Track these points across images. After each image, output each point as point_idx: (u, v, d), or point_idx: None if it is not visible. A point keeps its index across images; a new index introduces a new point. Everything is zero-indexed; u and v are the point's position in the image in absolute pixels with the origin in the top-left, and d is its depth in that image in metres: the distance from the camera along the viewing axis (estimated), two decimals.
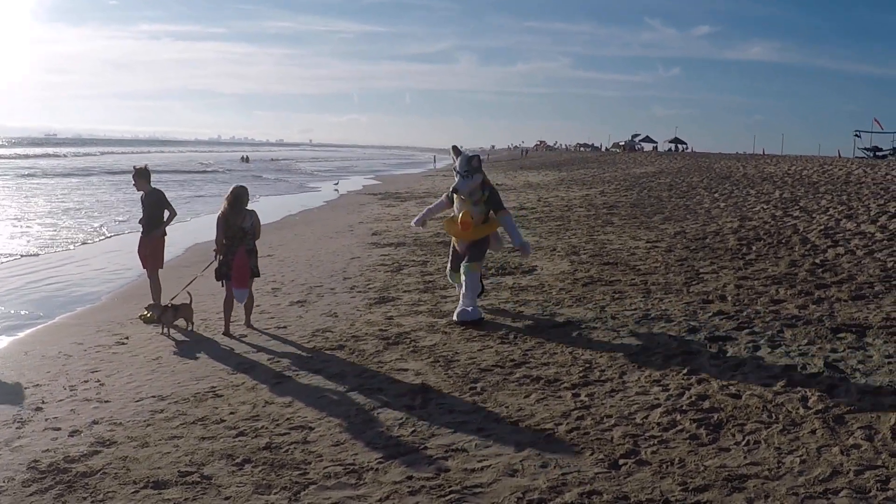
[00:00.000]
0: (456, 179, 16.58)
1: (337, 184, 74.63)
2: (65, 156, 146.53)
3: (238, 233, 16.16)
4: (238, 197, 16.27)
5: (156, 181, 18.64)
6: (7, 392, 12.89)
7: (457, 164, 16.57)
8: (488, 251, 17.63)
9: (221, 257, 16.27)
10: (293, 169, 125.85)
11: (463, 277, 16.26)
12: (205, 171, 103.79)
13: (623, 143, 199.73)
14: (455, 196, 16.80)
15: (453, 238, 17.28)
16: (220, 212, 16.39)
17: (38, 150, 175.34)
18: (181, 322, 16.66)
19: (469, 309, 15.78)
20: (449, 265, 17.45)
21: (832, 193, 36.01)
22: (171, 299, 16.66)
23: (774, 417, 9.81)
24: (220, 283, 16.58)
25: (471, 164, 16.32)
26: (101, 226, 38.93)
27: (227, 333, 16.22)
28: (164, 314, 16.00)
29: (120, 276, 25.26)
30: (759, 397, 10.53)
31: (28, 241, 32.68)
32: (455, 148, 17.50)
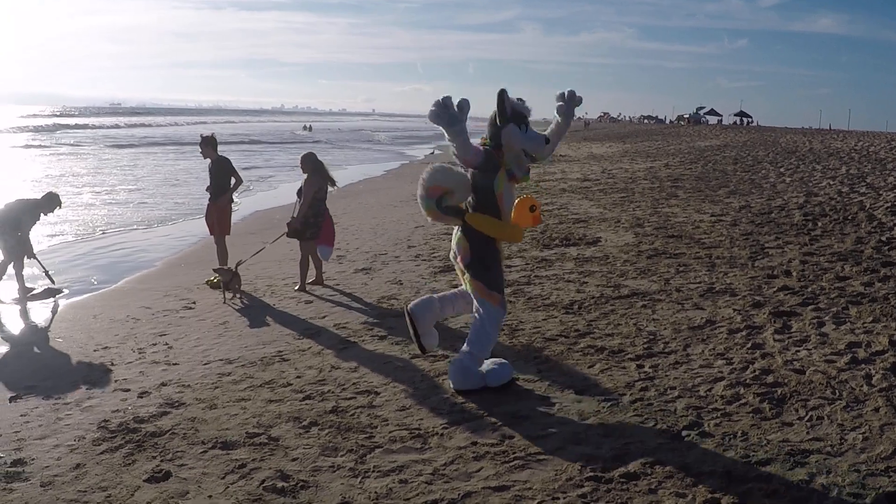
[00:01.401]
0: (514, 136, 10.18)
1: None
2: (129, 125, 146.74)
3: (325, 196, 17.17)
4: (321, 163, 17.32)
5: (223, 151, 18.79)
6: (77, 354, 13.08)
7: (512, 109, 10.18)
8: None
9: (304, 220, 17.02)
10: (357, 138, 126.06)
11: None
12: (270, 142, 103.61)
13: (688, 116, 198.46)
14: (499, 176, 10.35)
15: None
16: (306, 181, 17.21)
17: (110, 120, 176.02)
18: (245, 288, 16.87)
19: (465, 365, 10.36)
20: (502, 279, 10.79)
21: None
22: (237, 265, 16.80)
23: (838, 394, 9.69)
24: (297, 242, 17.51)
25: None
26: (163, 193, 39.29)
27: (302, 289, 17.07)
28: (233, 279, 16.13)
29: (185, 242, 25.49)
30: (822, 373, 10.40)
31: (93, 209, 33.02)
32: (498, 95, 10.20)
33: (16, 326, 15.39)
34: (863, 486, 7.31)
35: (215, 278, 17.70)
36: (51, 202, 17.80)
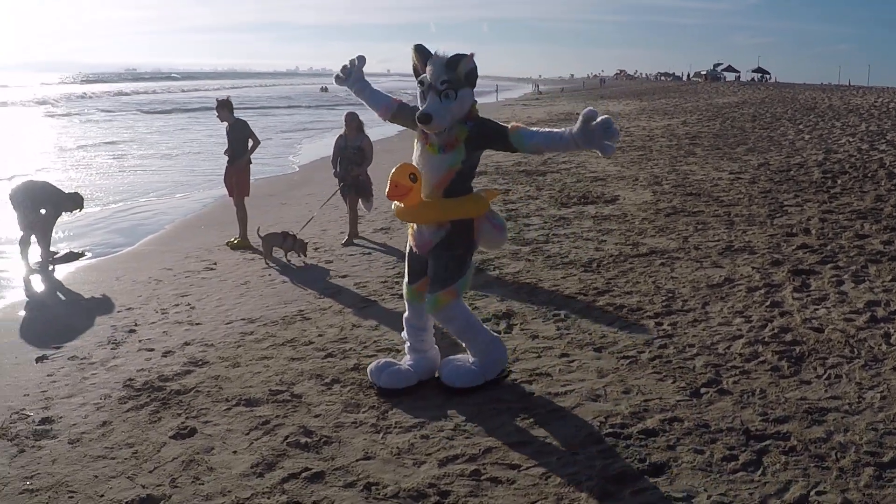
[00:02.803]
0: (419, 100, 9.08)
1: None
2: (154, 91, 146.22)
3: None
4: (362, 122, 18.25)
5: (252, 116, 18.93)
6: (102, 316, 13.19)
7: (429, 73, 8.76)
8: (477, 251, 9.73)
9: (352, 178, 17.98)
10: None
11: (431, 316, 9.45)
12: (291, 106, 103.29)
13: (705, 73, 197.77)
14: (417, 134, 9.25)
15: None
16: (366, 141, 18.23)
17: (129, 87, 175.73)
18: (279, 253, 17.00)
19: (459, 364, 9.37)
20: (406, 274, 9.67)
21: None
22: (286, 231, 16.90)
23: (856, 352, 9.73)
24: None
25: (455, 73, 8.61)
26: (179, 154, 39.42)
27: (354, 236, 18.11)
28: (284, 241, 16.19)
29: (204, 204, 25.59)
30: (841, 332, 10.43)
31: (112, 173, 33.17)
32: (420, 49, 9.01)
33: (40, 289, 15.53)
34: (880, 444, 7.35)
35: (235, 239, 17.84)
36: (74, 202, 17.85)
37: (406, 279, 9.55)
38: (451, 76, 8.60)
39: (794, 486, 6.64)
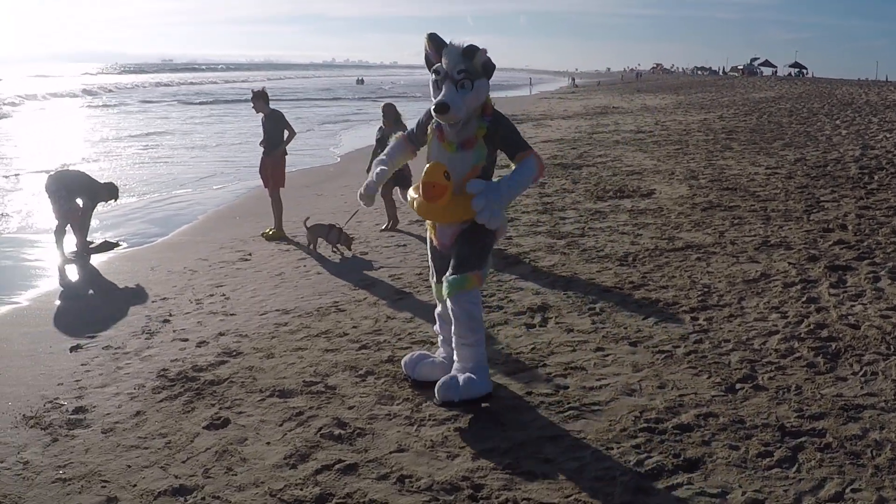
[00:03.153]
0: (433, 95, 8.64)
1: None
2: (190, 83, 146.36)
3: None
4: (399, 113, 18.66)
5: (288, 107, 19.02)
6: (136, 306, 13.27)
7: (444, 63, 8.37)
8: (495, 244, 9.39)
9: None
10: (408, 93, 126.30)
11: (447, 304, 8.81)
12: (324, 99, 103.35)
13: (742, 67, 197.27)
14: (429, 131, 8.98)
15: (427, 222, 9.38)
16: (389, 129, 17.96)
17: (167, 77, 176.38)
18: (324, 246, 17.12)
19: (460, 377, 8.53)
20: (431, 270, 9.42)
21: None
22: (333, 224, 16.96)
23: (893, 349, 9.61)
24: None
25: (472, 63, 8.32)
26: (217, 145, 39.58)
27: (389, 228, 18.53)
28: (329, 232, 16.21)
29: (239, 195, 25.67)
30: (877, 328, 10.31)
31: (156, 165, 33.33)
32: (434, 38, 8.58)
33: (75, 279, 15.63)
34: None
35: (271, 230, 17.92)
36: (109, 192, 17.97)
37: (433, 278, 9.31)
38: (468, 66, 8.31)
39: (829, 483, 6.59)
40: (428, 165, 8.60)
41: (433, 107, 8.40)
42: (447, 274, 8.70)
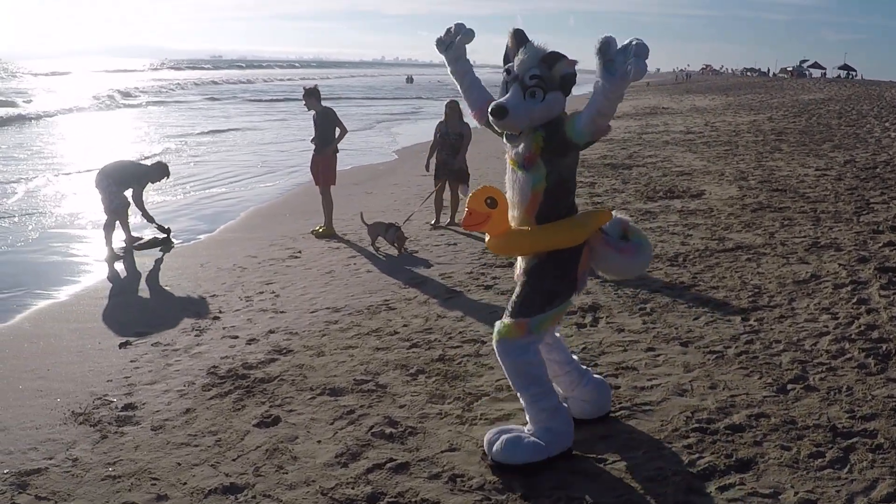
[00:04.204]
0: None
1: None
2: (239, 81, 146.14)
3: None
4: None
5: (340, 104, 19.15)
6: (186, 302, 13.35)
7: (518, 63, 7.07)
8: (588, 278, 7.91)
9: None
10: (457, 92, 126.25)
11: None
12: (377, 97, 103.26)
13: (791, 69, 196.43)
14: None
15: None
16: (466, 128, 18.68)
17: (218, 75, 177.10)
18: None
19: (508, 438, 7.23)
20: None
21: None
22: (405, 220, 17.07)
23: None
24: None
25: (550, 71, 7.00)
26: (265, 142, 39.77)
27: (436, 224, 18.78)
28: (388, 231, 16.27)
29: (288, 192, 25.74)
30: None
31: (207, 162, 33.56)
32: (518, 33, 7.24)
33: (124, 274, 15.70)
34: None
35: (321, 227, 17.99)
36: (160, 172, 18.14)
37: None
38: (544, 73, 6.93)
39: (881, 483, 6.57)
40: (478, 188, 7.53)
41: (490, 108, 7.06)
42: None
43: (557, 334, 8.02)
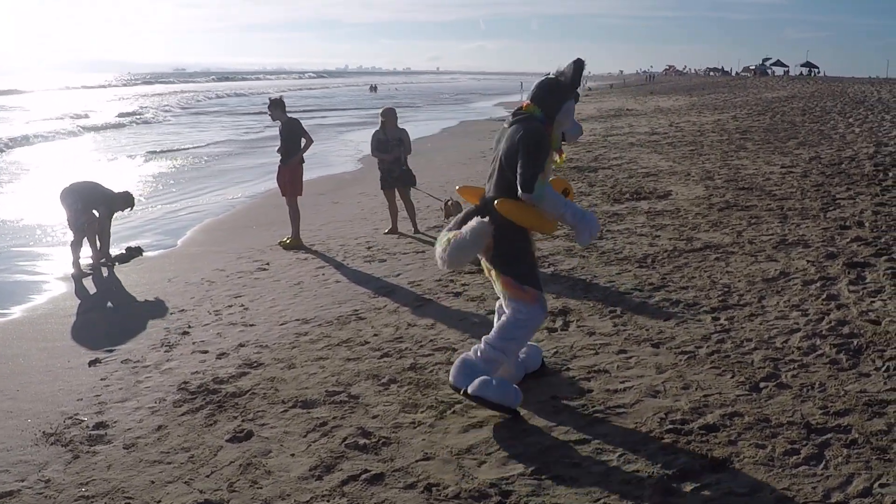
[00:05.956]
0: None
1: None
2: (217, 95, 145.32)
3: None
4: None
5: (303, 115, 19.17)
6: (154, 318, 13.31)
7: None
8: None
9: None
10: (423, 96, 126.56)
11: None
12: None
13: (753, 68, 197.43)
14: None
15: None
16: (405, 133, 19.11)
17: (184, 87, 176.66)
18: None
19: (469, 363, 8.45)
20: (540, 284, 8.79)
21: None
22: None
23: None
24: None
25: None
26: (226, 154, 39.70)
27: (394, 231, 18.76)
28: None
29: (254, 204, 25.71)
30: None
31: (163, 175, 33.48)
32: (580, 64, 8.57)
33: (92, 291, 15.62)
34: None
35: (288, 239, 18.01)
36: (125, 201, 18.12)
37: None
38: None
39: (857, 479, 6.59)
40: (558, 177, 8.99)
41: (580, 134, 9.59)
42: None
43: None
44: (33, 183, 31.75)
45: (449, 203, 18.33)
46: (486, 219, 8.20)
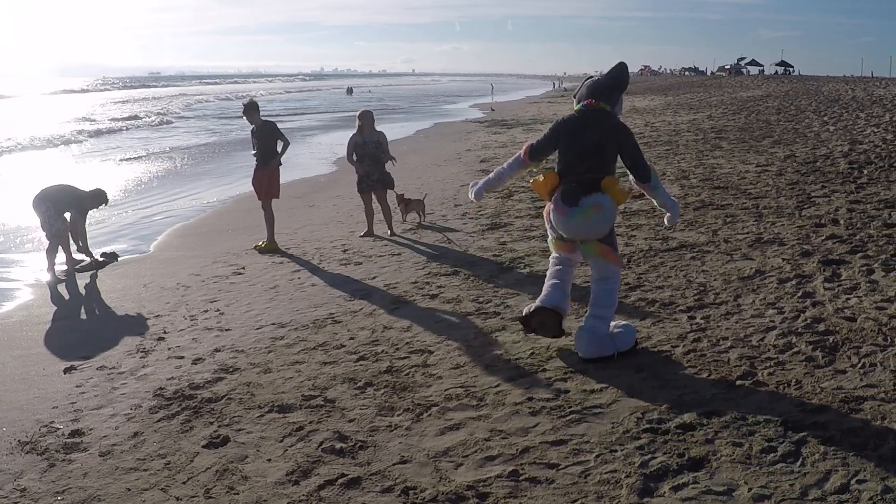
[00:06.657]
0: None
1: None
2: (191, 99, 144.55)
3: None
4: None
5: (280, 118, 19.10)
6: (130, 324, 13.23)
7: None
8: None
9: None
10: (397, 98, 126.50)
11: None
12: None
13: (728, 67, 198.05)
14: None
15: None
16: (382, 136, 19.03)
17: (160, 92, 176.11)
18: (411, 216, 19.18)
19: (600, 333, 9.79)
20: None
21: None
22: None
23: (890, 340, 9.66)
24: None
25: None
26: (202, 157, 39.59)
27: (370, 234, 18.72)
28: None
29: (229, 207, 25.64)
30: (874, 320, 10.36)
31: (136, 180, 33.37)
32: (623, 65, 10.64)
33: (67, 298, 15.55)
34: None
35: (263, 242, 17.94)
36: (98, 199, 18.05)
37: None
38: None
39: (835, 475, 6.60)
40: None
41: None
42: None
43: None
44: (5, 190, 31.57)
45: (404, 195, 19.22)
46: (608, 195, 9.60)
